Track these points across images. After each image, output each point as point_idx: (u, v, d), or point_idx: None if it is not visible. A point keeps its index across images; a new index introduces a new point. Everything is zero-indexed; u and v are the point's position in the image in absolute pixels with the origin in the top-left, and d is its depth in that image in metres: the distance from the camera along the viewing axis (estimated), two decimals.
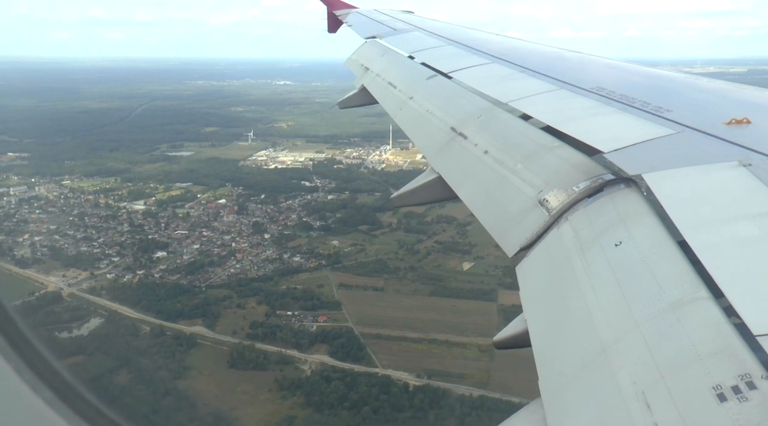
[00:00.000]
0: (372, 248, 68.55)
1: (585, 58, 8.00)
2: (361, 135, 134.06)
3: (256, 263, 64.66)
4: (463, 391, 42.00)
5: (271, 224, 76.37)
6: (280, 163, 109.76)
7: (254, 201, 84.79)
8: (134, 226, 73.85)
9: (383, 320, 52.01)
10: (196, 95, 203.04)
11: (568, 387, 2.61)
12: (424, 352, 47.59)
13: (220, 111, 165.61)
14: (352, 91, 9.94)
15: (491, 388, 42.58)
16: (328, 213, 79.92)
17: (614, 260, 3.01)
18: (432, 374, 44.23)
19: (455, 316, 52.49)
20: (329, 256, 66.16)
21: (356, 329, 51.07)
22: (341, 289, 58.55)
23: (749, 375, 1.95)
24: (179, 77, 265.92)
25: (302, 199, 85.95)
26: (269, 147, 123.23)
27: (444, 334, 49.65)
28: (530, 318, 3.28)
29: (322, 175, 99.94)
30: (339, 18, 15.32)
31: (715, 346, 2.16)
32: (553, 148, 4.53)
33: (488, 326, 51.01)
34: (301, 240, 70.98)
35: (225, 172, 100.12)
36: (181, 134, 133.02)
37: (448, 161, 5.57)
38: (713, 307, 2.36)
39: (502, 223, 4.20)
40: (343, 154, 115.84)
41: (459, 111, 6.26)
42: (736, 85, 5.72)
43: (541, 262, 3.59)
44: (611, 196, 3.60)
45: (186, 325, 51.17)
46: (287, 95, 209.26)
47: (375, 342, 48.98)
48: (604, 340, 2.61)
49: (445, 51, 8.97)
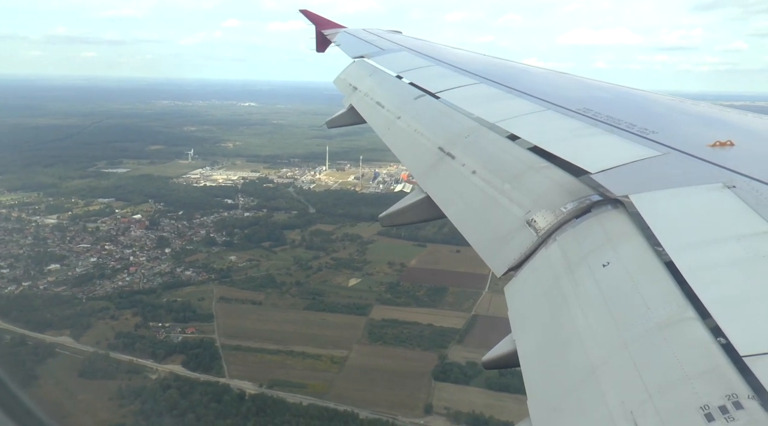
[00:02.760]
0: (267, 264, 69.57)
1: (572, 78, 8.04)
2: (302, 156, 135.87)
3: (147, 276, 65.33)
4: (298, 400, 42.84)
5: (177, 239, 77.21)
6: (211, 181, 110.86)
7: (170, 217, 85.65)
8: (38, 239, 74.28)
9: (249, 332, 52.89)
10: (154, 114, 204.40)
11: (557, 407, 2.62)
12: (277, 363, 48.46)
13: (173, 130, 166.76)
14: (340, 110, 9.89)
15: (327, 397, 43.53)
16: (237, 229, 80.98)
17: (602, 280, 3.05)
18: (274, 384, 45.10)
19: (321, 329, 53.50)
20: (221, 271, 67.09)
21: (219, 341, 51.89)
22: (221, 302, 59.42)
23: (736, 395, 1.98)
24: (146, 97, 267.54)
25: (218, 216, 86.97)
26: (207, 165, 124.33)
27: (303, 347, 50.61)
28: (519, 338, 3.29)
29: (248, 193, 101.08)
30: (327, 37, 15.20)
31: (702, 367, 2.19)
32: (540, 168, 4.55)
33: (349, 339, 52.26)
34: (200, 255, 71.84)
35: (152, 189, 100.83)
36: (124, 151, 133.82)
37: (436, 181, 5.53)
38: (700, 327, 2.38)
39: (490, 243, 4.19)
40: (278, 174, 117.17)
41: (447, 131, 6.27)
42: (719, 108, 5.82)
43: (530, 282, 3.59)
44: (599, 217, 3.63)
45: (53, 335, 51.64)
46: (246, 116, 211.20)
47: (232, 353, 49.78)
48: (592, 360, 2.62)
49: (432, 71, 8.95)
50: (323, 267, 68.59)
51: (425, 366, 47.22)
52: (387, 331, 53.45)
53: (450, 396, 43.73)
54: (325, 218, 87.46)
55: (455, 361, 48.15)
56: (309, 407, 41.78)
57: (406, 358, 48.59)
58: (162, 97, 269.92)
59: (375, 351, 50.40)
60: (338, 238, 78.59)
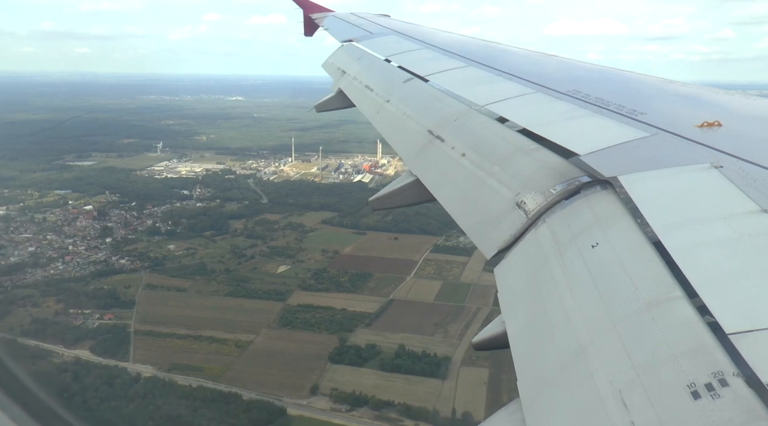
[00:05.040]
0: (204, 252, 70.08)
1: (561, 61, 8.03)
2: (272, 148, 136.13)
3: (81, 265, 65.97)
4: (189, 383, 43.38)
5: (122, 229, 77.90)
6: (174, 173, 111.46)
7: (122, 208, 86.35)
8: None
9: (165, 318, 53.45)
10: (137, 109, 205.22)
11: (546, 387, 2.65)
12: (183, 347, 49.03)
13: (150, 124, 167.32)
14: (329, 94, 9.81)
15: (220, 380, 44.03)
16: (184, 219, 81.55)
17: (591, 261, 3.07)
18: (173, 368, 45.62)
19: (236, 315, 53.98)
20: (156, 259, 67.68)
21: (134, 326, 52.49)
22: (146, 289, 60.02)
23: (722, 372, 2.02)
24: (135, 92, 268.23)
25: (170, 207, 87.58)
26: (174, 158, 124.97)
27: (213, 331, 51.12)
28: (508, 319, 3.31)
29: (207, 184, 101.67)
30: (315, 21, 15.11)
31: (689, 345, 2.21)
32: (529, 150, 4.58)
33: (260, 324, 52.82)
34: (141, 244, 72.45)
35: (111, 181, 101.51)
36: (94, 145, 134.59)
37: (425, 164, 5.55)
38: (687, 306, 2.41)
39: (480, 226, 4.21)
40: (242, 166, 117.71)
41: (436, 114, 6.27)
42: (707, 89, 5.81)
43: (519, 264, 3.61)
44: (587, 198, 3.65)
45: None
46: (229, 110, 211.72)
47: (142, 338, 50.39)
48: (581, 340, 2.64)
49: (421, 54, 8.94)
50: (257, 255, 69.07)
51: (325, 349, 47.65)
52: (299, 315, 53.88)
53: (341, 377, 44.15)
54: (274, 208, 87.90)
55: (356, 343, 48.58)
56: (197, 389, 42.32)
57: (310, 342, 49.02)
58: (150, 92, 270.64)
59: (281, 335, 50.88)
60: (281, 227, 79.00)
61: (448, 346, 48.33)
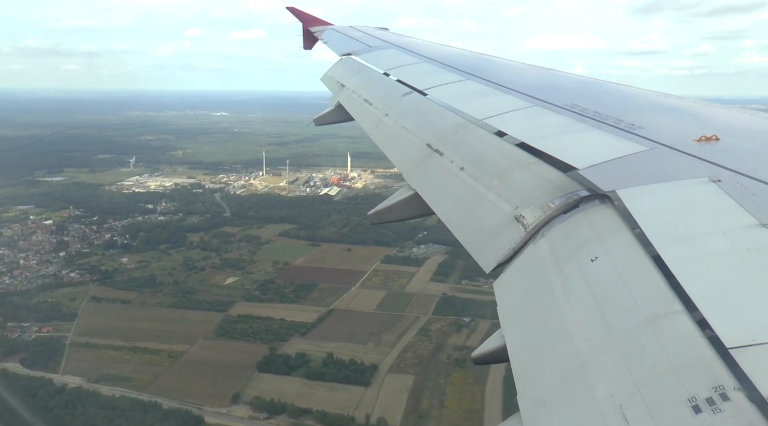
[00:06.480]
0: (156, 265, 70.21)
1: (558, 74, 8.07)
2: (246, 162, 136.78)
3: (29, 279, 65.99)
4: (113, 393, 43.35)
5: (78, 243, 78.06)
6: (143, 187, 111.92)
7: (82, 222, 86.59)
8: None
9: (104, 330, 53.37)
10: (119, 124, 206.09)
11: (546, 401, 2.63)
12: (117, 358, 49.00)
13: (128, 139, 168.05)
14: (327, 108, 9.83)
15: (147, 390, 43.97)
16: (142, 233, 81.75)
17: (590, 275, 3.07)
18: (101, 378, 45.57)
19: (175, 326, 54.02)
20: (106, 272, 67.75)
21: (71, 338, 52.43)
22: (91, 301, 60.06)
23: (722, 387, 2.01)
24: (120, 108, 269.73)
25: (131, 221, 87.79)
26: (146, 173, 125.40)
27: (148, 342, 51.12)
28: (508, 333, 3.30)
29: (173, 198, 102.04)
30: (314, 35, 15.08)
31: (689, 359, 2.21)
32: (528, 164, 4.59)
33: (197, 335, 52.87)
34: (94, 258, 72.60)
35: (78, 196, 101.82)
36: (69, 160, 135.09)
37: (424, 178, 5.55)
38: (687, 320, 2.40)
39: (478, 239, 4.20)
40: (212, 180, 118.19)
41: (434, 128, 6.27)
42: (704, 104, 5.85)
43: (518, 278, 3.61)
44: (586, 212, 3.65)
45: None
46: (211, 125, 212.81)
47: (77, 350, 50.35)
48: (581, 354, 2.63)
49: (420, 68, 8.96)
50: (207, 267, 69.23)
51: (255, 358, 47.69)
52: (237, 326, 53.97)
53: (265, 386, 44.17)
54: (235, 221, 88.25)
55: (287, 352, 48.65)
56: (119, 399, 42.28)
57: (242, 352, 49.06)
58: (136, 108, 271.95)
59: (216, 345, 50.93)
60: (238, 239, 79.29)
61: (378, 354, 48.42)
